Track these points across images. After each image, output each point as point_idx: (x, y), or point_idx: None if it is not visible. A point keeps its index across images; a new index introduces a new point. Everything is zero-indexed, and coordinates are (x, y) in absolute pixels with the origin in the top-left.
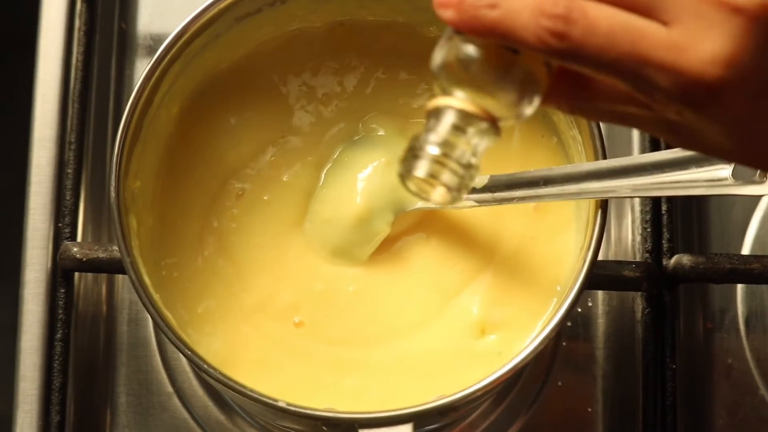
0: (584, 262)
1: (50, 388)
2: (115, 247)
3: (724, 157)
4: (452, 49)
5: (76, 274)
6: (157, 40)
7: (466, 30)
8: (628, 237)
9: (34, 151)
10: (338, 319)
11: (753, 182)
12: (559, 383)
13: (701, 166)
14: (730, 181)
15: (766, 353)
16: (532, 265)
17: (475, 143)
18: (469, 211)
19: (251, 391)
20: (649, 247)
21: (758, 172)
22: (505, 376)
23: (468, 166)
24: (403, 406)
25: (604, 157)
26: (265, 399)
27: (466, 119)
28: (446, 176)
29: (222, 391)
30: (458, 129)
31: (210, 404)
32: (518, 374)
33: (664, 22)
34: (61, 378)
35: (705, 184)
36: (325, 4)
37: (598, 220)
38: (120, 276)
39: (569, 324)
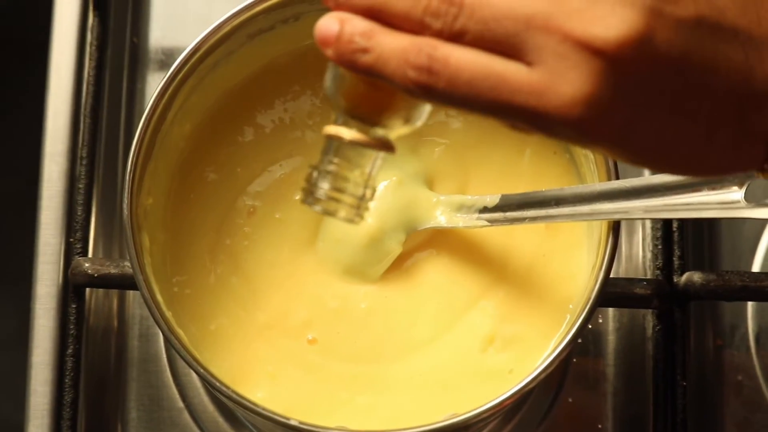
0: (596, 282)
1: (61, 403)
2: (127, 263)
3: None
4: (337, 78)
5: (87, 289)
6: (168, 54)
7: (346, 68)
8: (638, 254)
9: (46, 166)
10: (351, 336)
11: (765, 205)
12: (570, 400)
13: (713, 189)
14: (743, 203)
15: None
16: (543, 283)
17: (369, 169)
18: (481, 228)
19: (263, 409)
20: (660, 265)
21: None
22: (517, 395)
23: (362, 196)
24: (415, 424)
25: (617, 176)
26: (277, 417)
27: (357, 147)
28: (342, 211)
29: (234, 409)
30: (350, 160)
31: (220, 420)
32: (529, 392)
33: (528, 63)
34: (72, 393)
35: (717, 206)
36: None
37: (610, 241)
38: (131, 291)
39: (579, 341)
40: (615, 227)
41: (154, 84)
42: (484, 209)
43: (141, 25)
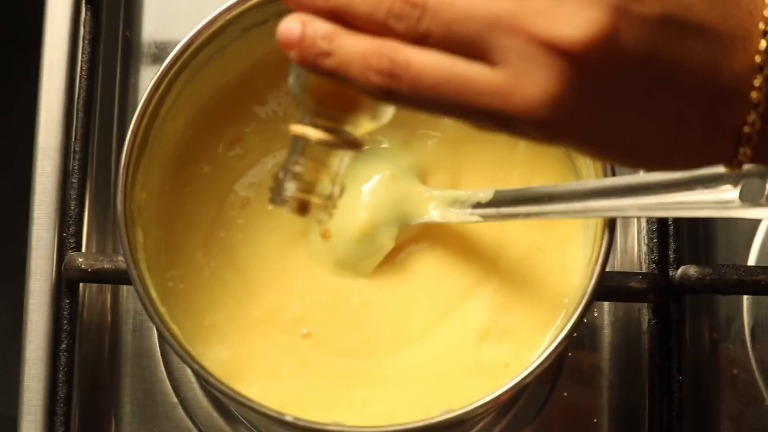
0: (591, 276)
1: (55, 399)
2: (120, 258)
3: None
4: (301, 77)
5: (81, 283)
6: (161, 48)
7: (309, 70)
8: (634, 247)
9: (38, 160)
10: (346, 330)
11: (761, 205)
12: (565, 394)
13: (708, 187)
14: (737, 203)
15: None
16: (538, 276)
17: (337, 167)
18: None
19: (258, 405)
20: (656, 258)
21: (765, 194)
22: (511, 391)
23: (330, 195)
24: (411, 418)
25: (612, 168)
26: (272, 413)
27: (323, 147)
28: (310, 211)
29: (228, 404)
30: (317, 159)
31: (215, 414)
32: (524, 387)
33: (492, 63)
34: (66, 388)
35: (712, 205)
36: None
37: (606, 236)
38: (124, 286)
39: (575, 334)
40: (611, 222)
41: (148, 78)
42: (478, 204)
43: (134, 18)
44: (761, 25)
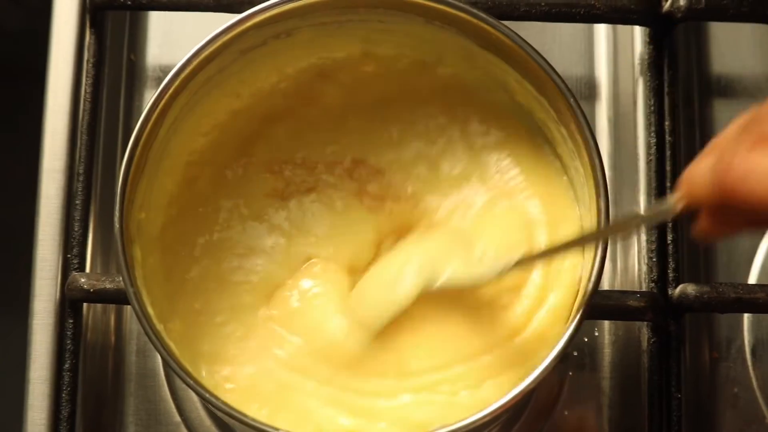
0: (585, 294)
1: (59, 418)
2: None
3: None
4: None
5: (85, 304)
6: (166, 71)
7: None
8: (634, 267)
9: (43, 183)
10: (350, 370)
11: None
12: (566, 413)
13: None
14: None
15: None
16: None
17: None
18: None
19: (254, 420)
20: (655, 277)
21: None
22: (503, 408)
23: None
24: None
25: (605, 189)
26: (269, 429)
27: None
28: None
29: (227, 422)
30: None
31: None
32: (525, 404)
33: None
34: (70, 408)
35: None
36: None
37: (598, 258)
38: (128, 307)
39: (575, 354)
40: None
41: None
42: None
43: (138, 42)
44: None
